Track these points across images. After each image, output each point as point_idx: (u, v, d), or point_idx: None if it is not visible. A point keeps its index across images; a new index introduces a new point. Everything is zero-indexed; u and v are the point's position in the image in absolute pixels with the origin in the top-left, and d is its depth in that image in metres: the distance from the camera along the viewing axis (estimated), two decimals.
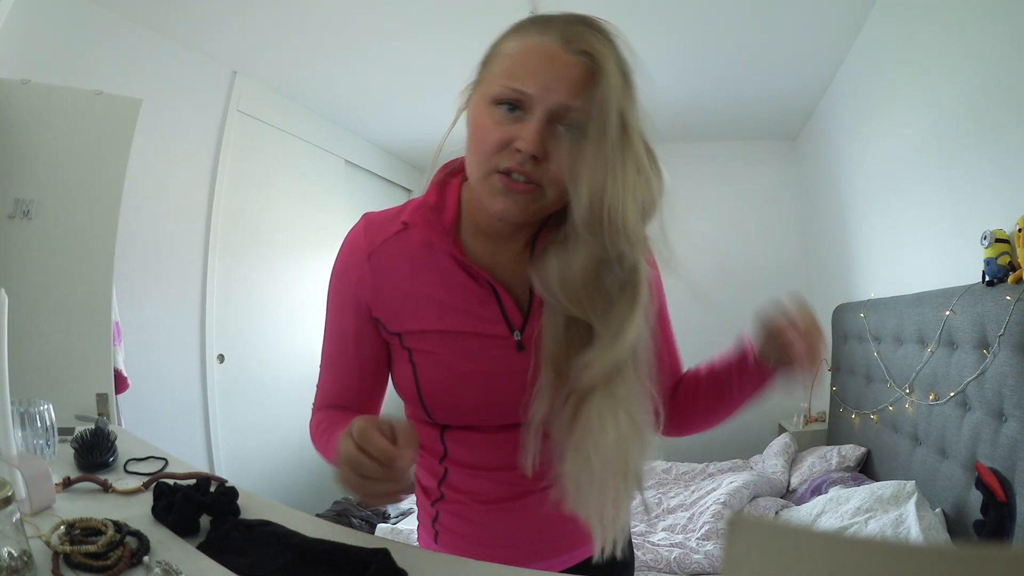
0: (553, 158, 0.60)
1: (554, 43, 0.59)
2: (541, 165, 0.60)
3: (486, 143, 0.61)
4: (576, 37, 0.59)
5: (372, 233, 0.72)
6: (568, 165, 0.60)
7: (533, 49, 0.60)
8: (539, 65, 0.59)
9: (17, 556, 0.54)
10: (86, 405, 1.61)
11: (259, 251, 3.00)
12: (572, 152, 0.59)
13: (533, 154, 0.59)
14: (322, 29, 2.47)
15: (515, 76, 0.59)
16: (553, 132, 0.60)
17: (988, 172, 1.65)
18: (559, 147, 0.60)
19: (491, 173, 0.61)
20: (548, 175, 0.60)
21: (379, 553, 0.60)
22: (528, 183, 0.60)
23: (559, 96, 0.58)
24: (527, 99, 0.59)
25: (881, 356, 2.20)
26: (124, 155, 1.80)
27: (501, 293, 0.69)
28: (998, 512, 1.36)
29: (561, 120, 0.59)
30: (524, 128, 0.59)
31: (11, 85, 1.70)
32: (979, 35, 1.67)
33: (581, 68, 0.58)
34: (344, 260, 0.73)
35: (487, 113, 0.61)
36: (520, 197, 0.61)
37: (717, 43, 2.64)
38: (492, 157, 0.61)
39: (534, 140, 0.58)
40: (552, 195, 0.62)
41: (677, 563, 1.91)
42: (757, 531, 0.24)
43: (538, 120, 0.59)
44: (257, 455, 2.88)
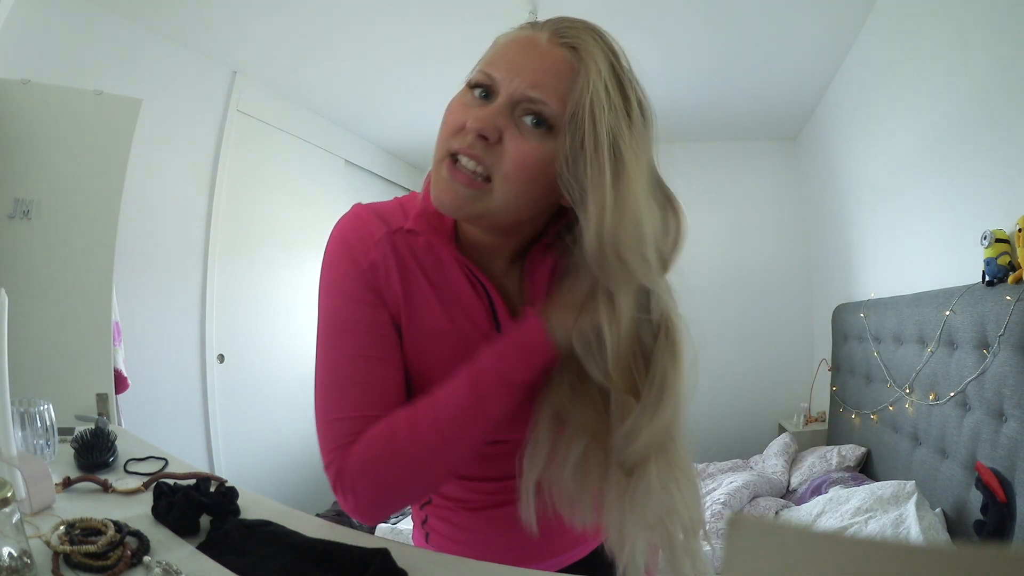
0: (508, 145, 0.54)
1: (541, 35, 0.56)
2: (493, 149, 0.54)
3: (447, 125, 0.57)
4: (567, 32, 0.56)
5: (384, 219, 0.66)
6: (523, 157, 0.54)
7: (518, 39, 0.57)
8: (516, 52, 0.56)
9: (17, 556, 0.54)
10: (86, 405, 1.61)
11: (259, 251, 3.00)
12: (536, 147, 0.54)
13: (479, 132, 0.54)
14: (322, 29, 2.47)
15: (492, 62, 0.57)
16: (515, 121, 0.55)
17: (988, 172, 1.65)
18: (520, 137, 0.54)
19: (442, 159, 0.56)
20: (499, 164, 0.55)
21: (379, 553, 0.60)
22: (473, 175, 0.55)
23: (524, 82, 0.54)
24: (495, 85, 0.55)
25: (881, 356, 2.20)
26: (124, 155, 1.80)
27: (497, 303, 0.66)
28: (998, 512, 1.36)
29: (527, 111, 0.55)
30: (482, 109, 0.55)
31: (11, 85, 1.70)
32: (979, 35, 1.67)
33: (562, 62, 0.54)
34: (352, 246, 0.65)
35: (459, 97, 0.58)
36: (461, 188, 0.55)
37: (717, 43, 2.64)
38: (448, 140, 0.56)
39: (484, 119, 0.54)
40: (501, 196, 0.55)
41: None
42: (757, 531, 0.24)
43: (498, 102, 0.54)
44: (257, 455, 2.88)
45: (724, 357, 3.67)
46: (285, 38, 2.54)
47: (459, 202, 0.55)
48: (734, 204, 3.84)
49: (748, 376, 3.72)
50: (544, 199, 0.58)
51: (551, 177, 0.56)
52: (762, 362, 3.74)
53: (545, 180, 0.56)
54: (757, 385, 3.71)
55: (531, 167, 0.55)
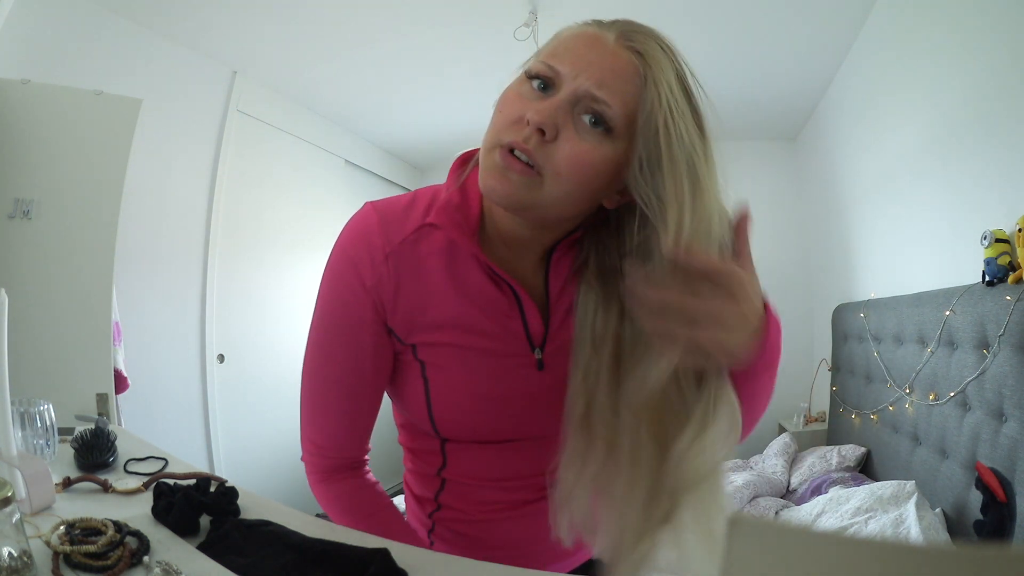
0: (564, 144, 0.53)
1: (608, 35, 0.55)
2: (548, 146, 0.53)
3: (503, 115, 0.55)
4: (635, 36, 0.55)
5: (389, 230, 0.63)
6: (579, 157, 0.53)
7: (584, 35, 0.56)
8: (583, 49, 0.54)
9: (17, 556, 0.54)
10: (86, 405, 1.61)
11: (259, 251, 3.00)
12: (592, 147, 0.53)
13: (539, 126, 0.52)
14: (322, 29, 2.47)
15: (555, 54, 0.55)
16: (574, 118, 0.53)
17: (988, 172, 1.65)
18: (577, 136, 0.53)
19: (495, 147, 0.55)
20: (551, 160, 0.53)
21: (379, 553, 0.60)
22: (527, 165, 0.53)
23: (589, 79, 0.53)
24: (558, 78, 0.54)
25: (881, 356, 2.20)
26: (124, 155, 1.80)
27: (525, 302, 0.63)
28: (998, 512, 1.36)
29: (588, 110, 0.53)
30: (542, 103, 0.53)
31: (11, 85, 1.70)
32: (979, 35, 1.67)
33: (628, 65, 0.54)
34: (354, 260, 0.63)
35: (516, 87, 0.57)
36: (513, 176, 0.53)
37: (717, 43, 2.64)
38: (502, 131, 0.55)
39: (545, 112, 0.52)
40: (552, 191, 0.54)
41: None
42: (757, 531, 0.24)
43: (559, 98, 0.53)
44: (257, 455, 2.88)
45: None
46: (285, 38, 2.54)
47: (510, 189, 0.54)
48: (734, 204, 3.84)
49: None
50: (593, 199, 0.57)
51: (604, 178, 0.55)
52: None
53: (598, 181, 0.55)
54: None
55: (585, 167, 0.54)
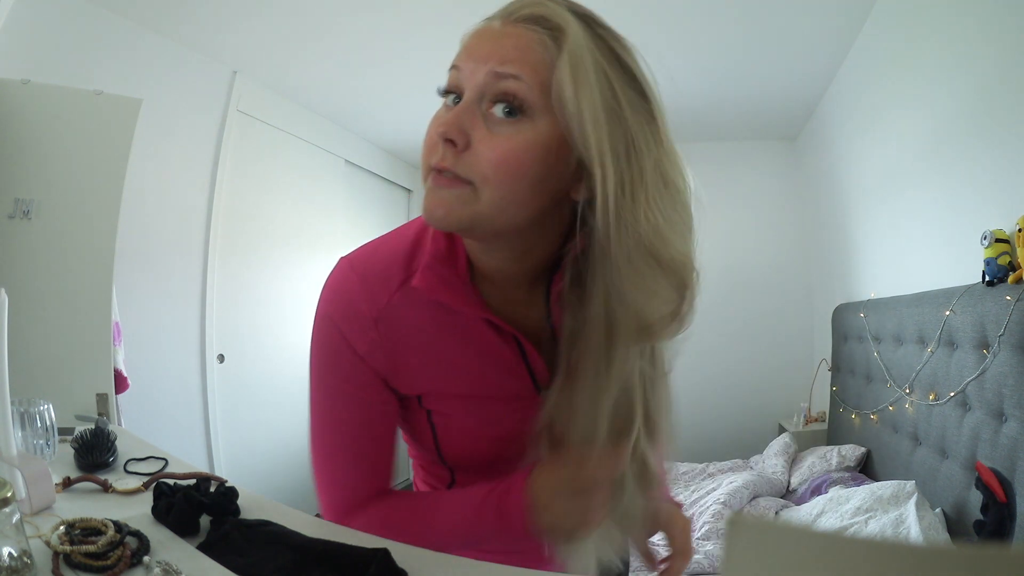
0: (479, 146, 0.49)
1: (494, 21, 0.52)
2: (465, 156, 0.49)
3: (425, 142, 0.52)
4: (518, 7, 0.51)
5: (372, 291, 0.59)
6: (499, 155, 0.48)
7: (475, 32, 0.53)
8: (474, 42, 0.51)
9: (17, 556, 0.54)
10: (86, 405, 1.61)
11: (259, 251, 3.00)
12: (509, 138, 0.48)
13: (445, 137, 0.48)
14: (322, 29, 2.47)
15: (454, 61, 0.52)
16: (484, 115, 0.49)
17: (988, 172, 1.65)
18: (490, 133, 0.49)
19: (426, 175, 0.52)
20: (474, 167, 0.49)
21: (379, 553, 0.60)
22: (455, 177, 0.49)
23: (486, 64, 0.49)
24: (460, 80, 0.51)
25: (881, 356, 2.20)
26: (124, 155, 1.80)
27: (527, 348, 0.61)
28: (998, 512, 1.36)
29: (497, 96, 0.49)
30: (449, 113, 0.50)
31: (11, 85, 1.70)
32: (979, 35, 1.67)
33: (522, 34, 0.49)
34: (342, 330, 0.59)
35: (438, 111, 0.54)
36: (445, 193, 0.50)
37: (716, 43, 2.64)
38: (426, 155, 0.52)
39: (448, 121, 0.49)
40: (489, 197, 0.49)
41: None
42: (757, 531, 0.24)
43: (465, 100, 0.49)
44: (257, 455, 2.88)
45: (724, 357, 3.67)
46: (285, 38, 2.54)
47: (448, 208, 0.50)
48: (734, 204, 3.84)
49: (748, 376, 3.72)
50: (541, 193, 0.51)
51: (540, 165, 0.49)
52: (762, 362, 3.74)
53: (533, 171, 0.49)
54: (757, 385, 3.71)
55: (509, 162, 0.48)
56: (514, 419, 0.62)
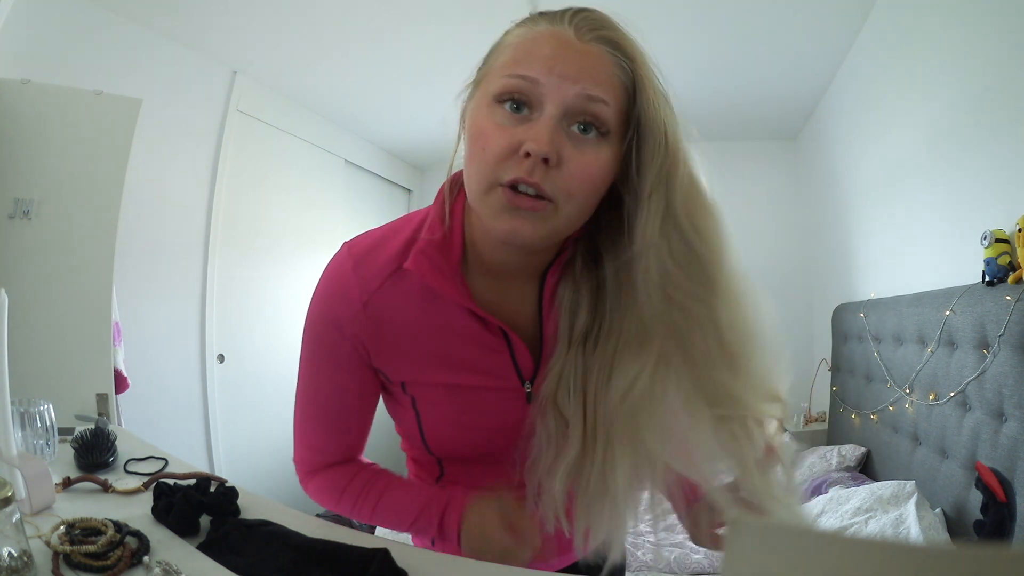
0: (568, 164, 0.49)
1: (567, 30, 0.50)
2: (553, 172, 0.49)
3: (487, 151, 0.50)
4: (589, 25, 0.50)
5: (364, 276, 0.60)
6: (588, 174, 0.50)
7: (543, 35, 0.50)
8: (551, 50, 0.49)
9: (17, 556, 0.54)
10: (86, 405, 1.61)
11: (259, 251, 3.00)
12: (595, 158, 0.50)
13: (545, 156, 0.48)
14: (322, 29, 2.47)
15: (521, 63, 0.50)
16: (566, 132, 0.50)
17: (988, 172, 1.65)
18: (577, 152, 0.49)
19: (493, 188, 0.50)
20: (562, 186, 0.49)
21: (379, 553, 0.60)
22: (538, 197, 0.49)
23: (575, 85, 0.48)
24: (536, 91, 0.49)
25: (881, 356, 2.20)
26: (124, 155, 1.80)
27: (514, 341, 0.61)
28: (998, 512, 1.36)
29: (580, 116, 0.49)
30: (533, 128, 0.49)
31: (11, 85, 1.70)
32: (979, 35, 1.67)
33: (603, 57, 0.49)
34: (333, 311, 0.61)
35: (488, 115, 0.51)
36: (529, 215, 0.49)
37: (716, 42, 2.64)
38: (495, 168, 0.50)
39: (546, 139, 0.47)
40: (567, 213, 0.51)
41: (677, 563, 1.91)
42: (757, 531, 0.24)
43: (550, 116, 0.48)
44: (257, 455, 2.88)
45: None
46: (285, 38, 2.54)
47: (532, 230, 0.50)
48: (734, 204, 3.80)
49: None
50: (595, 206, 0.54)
51: (607, 182, 0.53)
52: None
53: (603, 187, 0.53)
54: None
55: (594, 179, 0.50)
56: (498, 410, 0.64)
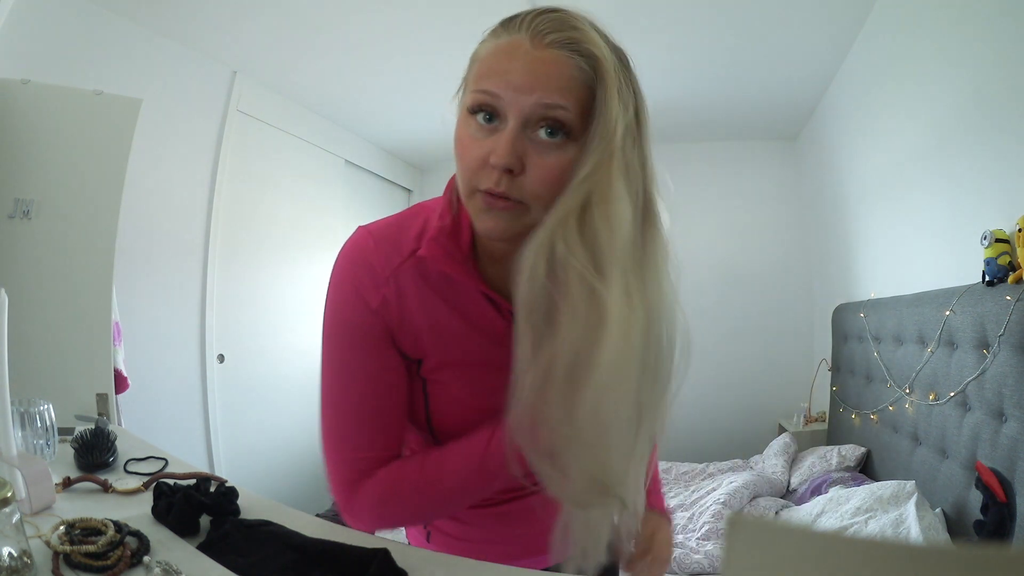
0: (531, 170, 0.53)
1: (523, 38, 0.53)
2: (519, 179, 0.54)
3: (465, 160, 0.55)
4: (547, 28, 0.52)
5: (387, 252, 0.63)
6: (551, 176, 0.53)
7: (502, 47, 0.54)
8: (507, 63, 0.52)
9: (17, 556, 0.54)
10: (86, 405, 1.61)
11: (259, 251, 3.00)
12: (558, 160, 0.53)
13: (506, 167, 0.52)
14: (322, 29, 2.47)
15: (484, 78, 0.54)
16: (530, 138, 0.53)
17: (988, 172, 1.65)
18: (540, 157, 0.53)
19: (474, 192, 0.56)
20: (528, 190, 0.54)
21: (379, 553, 0.60)
22: (508, 199, 0.54)
23: (531, 96, 0.52)
24: (499, 104, 0.53)
25: (881, 356, 2.20)
26: (124, 155, 1.80)
27: None
28: (998, 512, 1.36)
29: (543, 122, 0.53)
30: (498, 140, 0.53)
31: (11, 85, 1.70)
32: (979, 35, 1.67)
33: (559, 62, 0.52)
34: (359, 285, 0.62)
35: (464, 126, 0.56)
36: (502, 215, 0.55)
37: (717, 43, 2.64)
38: (472, 177, 0.55)
39: (504, 151, 0.52)
40: (537, 210, 0.55)
41: (677, 563, 1.91)
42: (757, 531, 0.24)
43: (511, 128, 0.52)
44: (257, 455, 2.88)
45: (724, 357, 3.67)
46: (285, 38, 2.54)
47: (505, 227, 0.55)
48: (734, 204, 3.84)
49: (748, 376, 3.73)
50: None
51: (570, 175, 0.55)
52: (762, 362, 3.74)
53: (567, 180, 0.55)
54: (757, 385, 3.72)
55: (557, 179, 0.54)
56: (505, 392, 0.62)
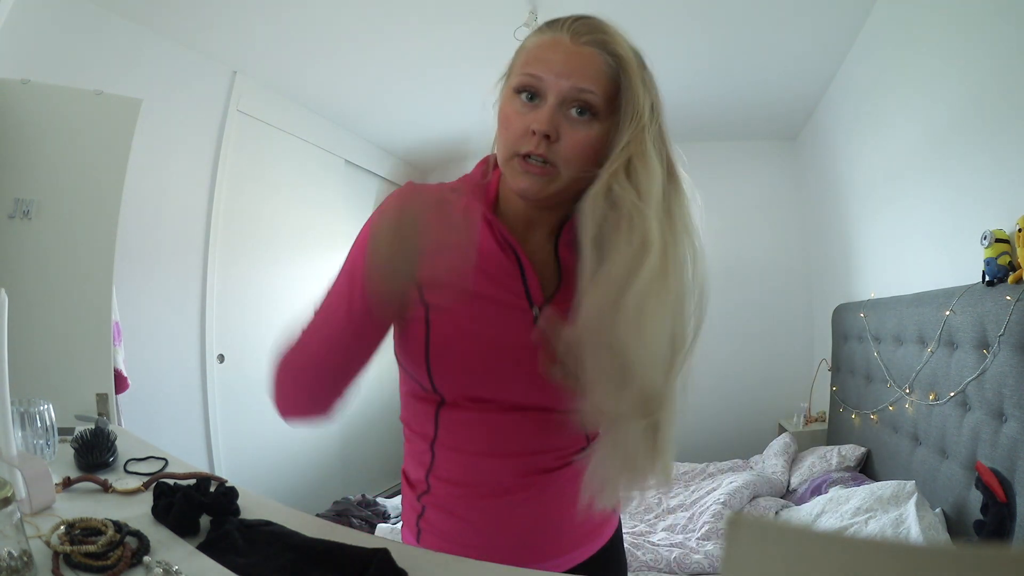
0: (565, 139, 0.66)
1: (564, 36, 0.66)
2: (554, 145, 0.66)
3: (509, 130, 0.68)
4: (583, 30, 0.66)
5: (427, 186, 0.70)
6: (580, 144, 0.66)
7: (545, 42, 0.67)
8: (550, 54, 0.66)
9: (17, 556, 0.54)
10: (86, 405, 1.61)
11: (259, 251, 3.00)
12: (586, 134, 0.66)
13: (546, 133, 0.64)
14: (322, 29, 2.47)
15: (530, 63, 0.67)
16: (565, 115, 0.66)
17: (988, 172, 1.65)
18: (572, 129, 0.66)
19: (513, 157, 0.67)
20: (561, 154, 0.66)
21: (379, 553, 0.60)
22: (544, 164, 0.66)
23: (568, 80, 0.65)
24: (541, 86, 0.66)
25: (881, 356, 2.20)
26: (124, 155, 1.80)
27: (527, 269, 0.72)
28: (998, 512, 1.36)
29: (575, 103, 0.65)
30: (540, 113, 0.66)
31: (11, 85, 1.70)
32: (979, 35, 1.67)
33: (591, 57, 0.65)
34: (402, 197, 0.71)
35: (510, 103, 0.68)
36: (537, 177, 0.67)
37: (717, 43, 2.64)
38: (514, 143, 0.67)
39: (545, 120, 0.65)
40: (567, 175, 0.67)
41: (677, 563, 1.91)
42: (757, 531, 0.24)
43: (550, 104, 0.65)
44: (257, 455, 2.88)
45: (724, 357, 3.67)
46: (285, 38, 2.54)
47: (540, 188, 0.67)
48: (734, 204, 3.84)
49: (748, 376, 3.72)
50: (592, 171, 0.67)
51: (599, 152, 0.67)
52: (762, 362, 3.74)
53: (595, 155, 0.67)
54: (757, 385, 3.72)
55: (585, 148, 0.66)
56: (505, 324, 0.70)
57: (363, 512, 2.52)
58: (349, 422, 3.41)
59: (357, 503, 2.61)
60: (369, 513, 2.53)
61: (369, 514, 2.52)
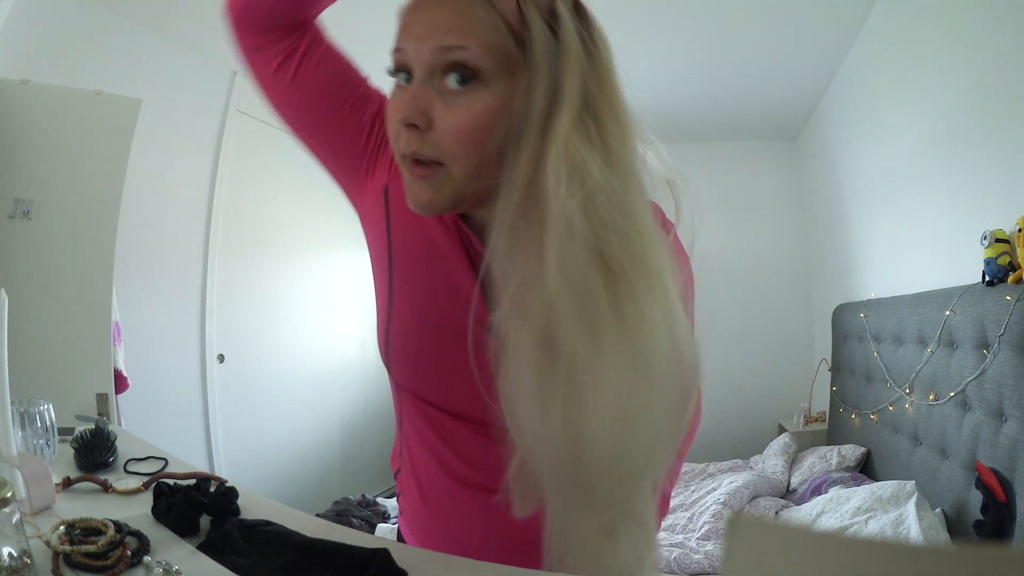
0: (439, 123, 0.48)
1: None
2: (427, 136, 0.48)
3: (390, 127, 0.52)
4: None
5: None
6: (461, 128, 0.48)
7: (409, 5, 0.50)
8: (411, 16, 0.49)
9: (17, 556, 0.54)
10: (86, 405, 1.61)
11: (259, 251, 3.00)
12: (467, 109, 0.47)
13: (404, 121, 0.48)
14: None
15: (397, 36, 0.51)
16: (439, 90, 0.48)
17: (988, 172, 1.65)
18: (448, 108, 0.48)
19: (401, 163, 0.51)
20: (440, 146, 0.48)
21: (379, 553, 0.60)
22: (429, 163, 0.49)
23: (429, 42, 0.47)
24: (407, 60, 0.49)
25: (881, 356, 2.20)
26: (124, 155, 1.80)
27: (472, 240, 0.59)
28: (998, 512, 1.36)
29: (447, 68, 0.47)
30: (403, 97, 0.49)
31: (11, 85, 1.71)
32: (979, 34, 1.67)
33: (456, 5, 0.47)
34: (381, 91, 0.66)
35: (390, 91, 0.53)
36: (424, 184, 0.50)
37: (717, 42, 2.64)
38: (396, 143, 0.51)
39: (404, 106, 0.48)
40: (460, 171, 0.49)
41: (677, 563, 1.91)
42: (757, 531, 0.24)
43: (416, 82, 0.49)
44: (257, 455, 2.88)
45: (724, 357, 3.67)
46: None
47: (429, 196, 0.50)
48: (734, 204, 3.84)
49: (748, 376, 3.72)
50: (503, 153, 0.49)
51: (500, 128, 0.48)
52: (762, 362, 3.74)
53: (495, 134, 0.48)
54: (757, 385, 3.72)
55: (473, 132, 0.48)
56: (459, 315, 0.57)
57: (363, 512, 2.52)
58: (349, 422, 3.42)
59: (357, 503, 2.61)
60: (369, 513, 2.53)
61: (369, 514, 2.52)
